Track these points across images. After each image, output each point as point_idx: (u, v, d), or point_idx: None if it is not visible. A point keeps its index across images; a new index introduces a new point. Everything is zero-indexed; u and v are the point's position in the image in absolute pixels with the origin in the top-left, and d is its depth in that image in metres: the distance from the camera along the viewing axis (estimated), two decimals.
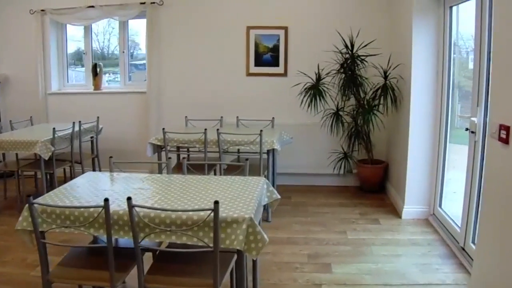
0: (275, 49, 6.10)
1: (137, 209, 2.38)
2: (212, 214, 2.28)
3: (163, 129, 4.82)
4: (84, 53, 6.81)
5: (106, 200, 2.37)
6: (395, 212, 5.08)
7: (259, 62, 6.17)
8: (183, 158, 5.35)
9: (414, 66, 4.66)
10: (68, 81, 6.94)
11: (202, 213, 2.35)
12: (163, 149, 4.86)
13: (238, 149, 4.88)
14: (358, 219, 4.91)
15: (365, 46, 5.34)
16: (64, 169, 5.69)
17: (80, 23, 6.50)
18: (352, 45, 5.37)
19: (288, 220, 4.89)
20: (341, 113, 5.61)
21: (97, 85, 6.65)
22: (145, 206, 2.43)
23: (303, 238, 4.40)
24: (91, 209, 2.49)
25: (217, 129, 4.67)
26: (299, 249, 4.15)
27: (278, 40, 6.06)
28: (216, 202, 2.27)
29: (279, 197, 3.17)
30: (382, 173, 5.75)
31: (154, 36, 6.24)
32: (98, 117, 5.96)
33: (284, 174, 6.07)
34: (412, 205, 4.86)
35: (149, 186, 2.99)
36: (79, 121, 5.55)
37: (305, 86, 5.45)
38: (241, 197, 2.70)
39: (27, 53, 6.63)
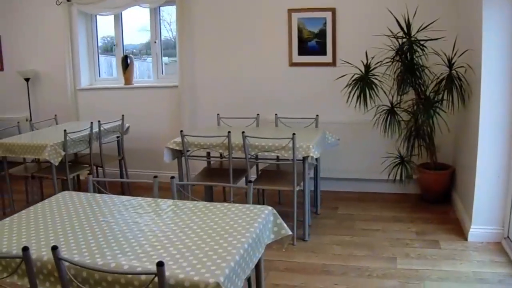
0: (322, 34, 5.26)
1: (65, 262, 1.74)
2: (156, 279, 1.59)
3: (181, 131, 4.17)
4: (114, 45, 6.30)
5: (25, 249, 1.76)
6: (460, 231, 4.15)
7: (303, 50, 5.36)
8: (207, 164, 4.73)
9: (485, 52, 3.70)
10: (100, 75, 6.48)
11: (144, 277, 1.67)
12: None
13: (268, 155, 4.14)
14: (414, 240, 4.04)
15: (425, 28, 4.40)
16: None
17: (109, 12, 5.98)
18: (409, 27, 4.44)
19: (329, 239, 4.12)
20: (397, 109, 4.70)
21: (127, 79, 6.12)
22: (72, 261, 1.77)
23: (342, 267, 3.61)
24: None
25: (243, 132, 3.95)
26: (332, 283, 3.37)
27: (325, 24, 5.22)
28: (160, 264, 1.58)
29: (289, 232, 2.41)
30: (448, 180, 4.81)
31: (185, 24, 5.59)
32: (123, 116, 5.42)
33: (331, 179, 5.27)
34: (481, 225, 3.92)
35: (112, 219, 2.32)
36: (98, 121, 5.03)
37: (353, 78, 4.60)
38: (224, 241, 1.98)
39: (55, 47, 6.24)
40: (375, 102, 4.59)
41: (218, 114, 5.09)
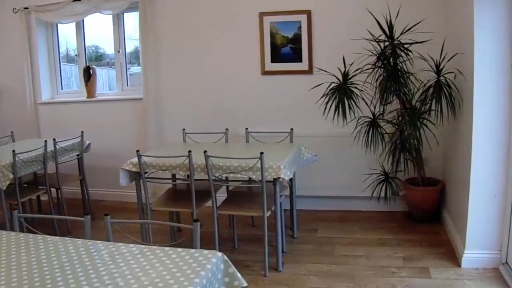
0: (296, 39, 4.82)
1: None
2: None
3: (137, 151, 3.69)
4: (76, 55, 5.82)
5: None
6: (453, 256, 3.70)
7: (277, 57, 4.92)
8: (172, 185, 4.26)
9: (477, 56, 3.28)
10: (62, 88, 5.98)
11: None
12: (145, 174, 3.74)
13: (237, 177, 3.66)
14: (401, 268, 3.58)
15: (409, 30, 3.97)
16: (48, 196, 4.69)
17: (68, 20, 5.51)
18: (391, 29, 4.01)
19: (305, 269, 3.65)
20: (380, 121, 4.26)
21: (90, 92, 5.64)
22: None
23: None
24: None
25: (205, 151, 3.47)
26: None
27: (300, 27, 4.78)
28: None
29: (244, 284, 1.94)
30: (437, 197, 4.37)
31: (149, 31, 5.13)
32: (82, 132, 4.94)
33: (309, 197, 4.83)
34: (475, 250, 3.48)
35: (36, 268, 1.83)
36: (54, 139, 4.56)
37: (330, 87, 4.15)
38: None
39: (14, 59, 5.74)
40: (355, 113, 4.15)
41: (183, 129, 4.61)
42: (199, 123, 5.00)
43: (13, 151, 4.08)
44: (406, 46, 3.99)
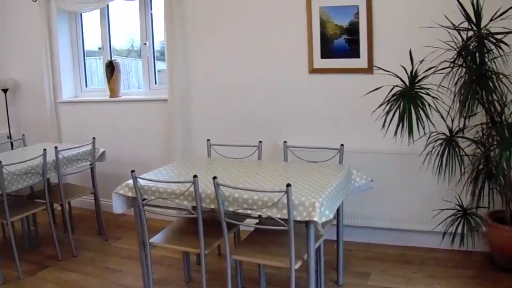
0: (353, 29, 3.84)
1: None
2: None
3: (132, 171, 2.88)
4: (100, 48, 5.11)
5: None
6: None
7: (328, 51, 3.95)
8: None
9: None
10: (86, 85, 5.30)
11: None
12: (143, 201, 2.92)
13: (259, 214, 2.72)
14: None
15: (503, 14, 2.89)
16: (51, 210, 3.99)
17: (90, 8, 4.82)
18: (478, 15, 2.95)
19: None
20: (458, 139, 3.21)
21: (113, 90, 4.92)
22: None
23: None
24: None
25: (214, 178, 2.59)
26: None
27: (357, 14, 3.79)
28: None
29: None
30: None
31: (175, 17, 4.29)
32: (94, 139, 4.22)
33: (361, 228, 3.85)
34: None
35: None
36: (55, 147, 3.88)
37: (392, 92, 3.15)
38: None
39: (34, 53, 5.14)
40: (426, 128, 3.10)
41: (208, 140, 3.76)
42: (231, 131, 4.16)
43: (0, 162, 3.39)
44: (498, 37, 2.92)
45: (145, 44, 4.80)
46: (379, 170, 3.58)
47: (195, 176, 2.65)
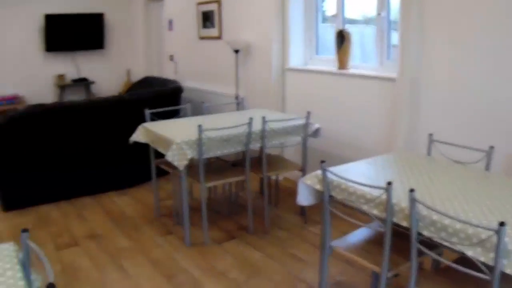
0: None
1: None
2: None
3: (322, 162, 2.47)
4: (332, 15, 4.74)
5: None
6: None
7: None
8: None
9: None
10: (317, 53, 5.04)
11: None
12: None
13: None
14: None
15: None
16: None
17: None
18: None
19: None
20: None
21: (342, 62, 4.53)
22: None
23: None
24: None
25: (411, 190, 2.01)
26: None
27: None
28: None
29: None
30: None
31: None
32: (308, 112, 3.92)
33: None
34: None
35: None
36: (263, 117, 3.72)
37: None
38: None
39: (265, 15, 5.08)
40: None
41: (430, 134, 3.11)
42: (460, 128, 3.40)
43: (199, 126, 3.35)
44: None
45: (379, 14, 4.25)
46: None
47: (389, 183, 2.12)
